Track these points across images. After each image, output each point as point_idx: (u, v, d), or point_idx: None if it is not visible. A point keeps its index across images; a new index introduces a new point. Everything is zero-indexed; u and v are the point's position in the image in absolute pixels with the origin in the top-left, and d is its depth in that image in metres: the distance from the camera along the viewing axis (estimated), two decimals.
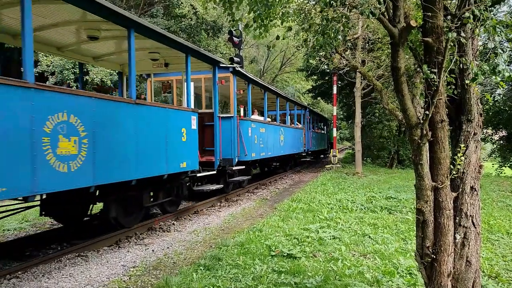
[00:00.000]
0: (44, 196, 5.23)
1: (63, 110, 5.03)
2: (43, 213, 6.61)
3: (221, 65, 10.01)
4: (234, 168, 10.85)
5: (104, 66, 10.04)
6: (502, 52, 2.66)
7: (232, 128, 10.71)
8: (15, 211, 6.21)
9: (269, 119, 15.50)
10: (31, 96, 4.60)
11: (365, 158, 22.00)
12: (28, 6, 4.55)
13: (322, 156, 32.64)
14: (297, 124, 20.68)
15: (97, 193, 6.29)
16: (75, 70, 18.83)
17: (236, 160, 10.81)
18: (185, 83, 8.84)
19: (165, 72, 10.37)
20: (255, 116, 13.85)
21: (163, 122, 7.35)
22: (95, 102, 5.63)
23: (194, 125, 8.44)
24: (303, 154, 22.05)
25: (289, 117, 19.07)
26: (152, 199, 7.85)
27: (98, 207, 7.76)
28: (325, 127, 32.80)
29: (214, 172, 9.67)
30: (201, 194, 10.44)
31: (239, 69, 11.19)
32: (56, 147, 4.91)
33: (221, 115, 10.53)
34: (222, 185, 10.22)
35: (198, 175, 8.97)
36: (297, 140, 19.26)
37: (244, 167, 11.54)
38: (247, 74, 11.95)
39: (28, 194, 4.57)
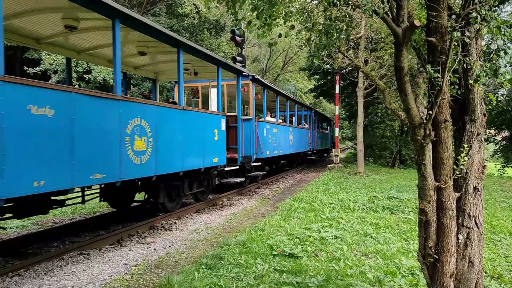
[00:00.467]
0: (118, 184, 6.15)
1: (137, 116, 6.45)
2: (102, 199, 7.83)
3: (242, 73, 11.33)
4: (252, 164, 12.00)
5: (141, 74, 11.43)
6: (504, 55, 2.65)
7: (251, 129, 11.84)
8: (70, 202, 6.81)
9: (280, 120, 16.52)
10: (119, 106, 6.02)
11: (367, 158, 21.98)
12: (117, 34, 5.82)
13: (325, 155, 33.65)
14: (304, 125, 21.65)
15: (139, 184, 7.19)
16: (77, 69, 18.86)
17: (254, 157, 11.93)
18: (210, 91, 10.83)
19: (191, 79, 11.65)
20: (269, 118, 14.80)
21: (201, 124, 8.86)
22: (157, 109, 7.17)
23: (223, 126, 9.90)
24: (309, 152, 23.16)
25: (296, 117, 20.11)
26: (188, 189, 9.01)
27: (139, 196, 8.97)
28: (328, 127, 33.69)
29: (237, 167, 11.00)
30: (225, 186, 11.69)
31: (258, 77, 12.51)
32: (133, 144, 6.33)
33: (243, 117, 11.63)
34: (244, 179, 11.51)
35: (225, 169, 10.33)
36: (304, 140, 20.44)
37: (260, 163, 12.71)
38: (263, 81, 13.34)
39: (117, 179, 5.97)
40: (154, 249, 6.00)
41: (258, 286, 4.37)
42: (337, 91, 20.46)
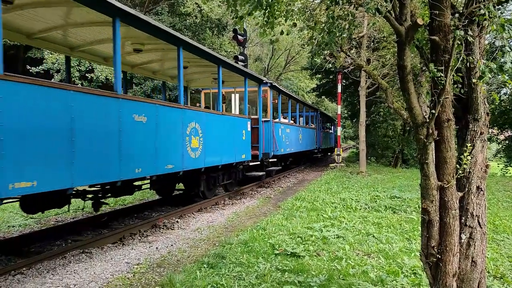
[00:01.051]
0: (180, 173, 7.91)
1: (193, 120, 8.35)
2: (151, 188, 8.84)
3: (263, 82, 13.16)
4: (270, 160, 13.62)
5: (174, 82, 12.36)
6: (509, 50, 2.64)
7: (269, 129, 13.47)
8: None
9: (291, 121, 18.06)
10: (183, 113, 7.95)
11: (369, 157, 21.95)
12: (181, 58, 7.57)
13: (329, 153, 34.96)
14: (310, 125, 23.23)
15: (180, 173, 8.01)
16: (80, 68, 18.89)
17: (272, 154, 13.57)
18: (234, 96, 13.17)
19: (215, 86, 13.11)
20: (282, 119, 16.26)
21: (234, 126, 10.78)
22: (205, 114, 9.10)
23: (249, 127, 11.72)
24: (315, 151, 24.65)
25: (304, 118, 21.77)
26: (222, 180, 10.72)
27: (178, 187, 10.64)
28: (332, 127, 34.90)
29: (259, 162, 12.67)
30: (244, 181, 12.99)
31: (275, 84, 14.42)
32: (191, 142, 8.19)
33: (263, 119, 13.10)
34: (264, 172, 13.07)
35: (250, 164, 12.02)
36: (311, 139, 22.32)
37: (276, 160, 14.40)
38: (279, 87, 15.14)
39: (180, 170, 7.83)
40: (156, 248, 6.01)
41: (260, 285, 4.36)
42: (339, 90, 20.43)
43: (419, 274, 4.64)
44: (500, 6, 2.65)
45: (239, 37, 15.64)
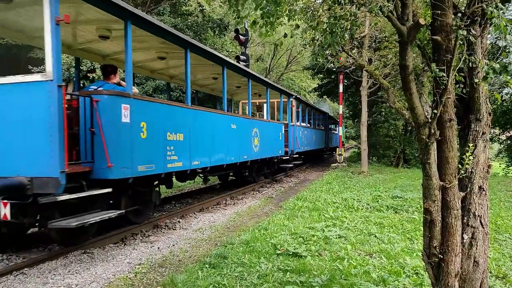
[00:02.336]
0: (249, 163, 11.85)
1: (255, 126, 12.14)
2: (208, 177, 10.50)
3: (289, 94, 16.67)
4: (295, 156, 16.95)
5: (214, 93, 15.31)
6: None
7: (294, 131, 16.78)
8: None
9: (308, 124, 21.69)
10: (251, 122, 11.97)
11: (371, 157, 21.92)
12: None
13: (334, 152, 36.58)
14: (321, 127, 26.74)
15: (248, 162, 11.70)
16: (81, 68, 18.90)
17: (295, 150, 16.85)
18: (266, 105, 15.42)
19: (256, 98, 16.82)
20: (300, 123, 19.59)
21: (275, 129, 14.47)
22: (260, 121, 13.23)
23: (283, 130, 15.34)
24: (324, 149, 28.79)
25: (315, 121, 25.06)
26: (265, 170, 14.37)
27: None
28: (337, 128, 35.56)
29: (288, 157, 15.82)
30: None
31: (298, 96, 18.60)
32: (253, 141, 11.85)
33: (291, 124, 16.43)
34: (292, 164, 16.78)
35: (283, 158, 15.39)
36: (321, 139, 26.12)
37: (297, 155, 17.63)
38: (300, 98, 19.23)
39: (249, 160, 11.47)
40: (158, 248, 6.01)
41: (261, 285, 4.36)
42: (341, 90, 20.41)
43: (421, 274, 4.63)
44: (502, 6, 2.64)
45: (241, 37, 15.65)
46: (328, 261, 5.19)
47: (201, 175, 9.62)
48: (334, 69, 22.11)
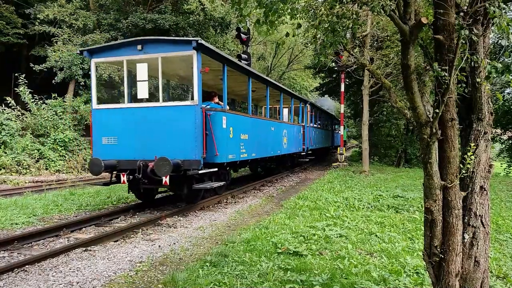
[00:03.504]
0: (280, 156, 14.89)
1: (284, 128, 15.40)
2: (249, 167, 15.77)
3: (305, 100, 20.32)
4: (309, 152, 20.07)
5: (262, 105, 19.50)
6: None
7: (309, 132, 19.92)
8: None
9: (319, 125, 24.57)
10: (282, 124, 15.33)
11: (372, 157, 21.91)
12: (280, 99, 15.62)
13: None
14: (328, 128, 29.78)
15: (280, 156, 15.02)
16: (83, 66, 18.92)
17: (309, 147, 19.96)
18: (283, 110, 18.15)
19: (275, 105, 20.13)
20: (313, 124, 22.87)
21: (296, 130, 17.54)
22: (288, 124, 16.27)
23: (302, 131, 18.68)
24: (330, 147, 31.64)
25: (324, 122, 28.16)
26: (288, 163, 18.00)
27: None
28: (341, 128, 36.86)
29: (304, 153, 19.28)
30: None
31: (312, 101, 22.50)
32: (283, 139, 15.15)
33: (307, 125, 19.64)
34: (308, 159, 20.39)
35: (301, 153, 18.90)
36: (328, 138, 29.31)
37: (310, 152, 20.84)
38: (314, 103, 22.62)
39: (281, 154, 14.88)
40: (159, 246, 6.02)
41: (262, 284, 4.37)
42: (342, 89, 20.40)
43: (421, 273, 4.63)
44: (505, 6, 2.63)
45: (243, 35, 15.63)
46: (328, 260, 5.20)
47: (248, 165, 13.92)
48: (336, 68, 22.10)
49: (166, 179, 7.73)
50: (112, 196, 10.60)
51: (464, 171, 2.99)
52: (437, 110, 2.80)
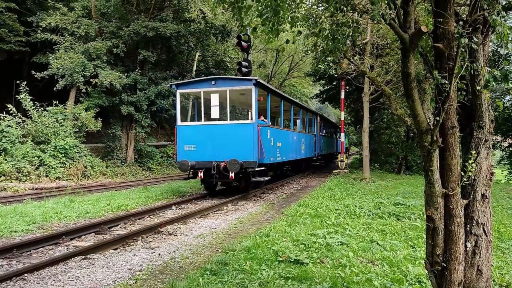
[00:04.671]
0: (299, 160, 18.73)
1: (303, 137, 18.78)
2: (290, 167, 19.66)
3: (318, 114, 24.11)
4: (319, 157, 23.50)
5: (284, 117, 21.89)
6: None
7: (319, 140, 23.02)
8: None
9: (322, 134, 26.74)
10: (301, 135, 18.81)
11: (372, 164, 21.88)
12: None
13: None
14: (333, 136, 32.68)
15: (299, 160, 18.37)
16: (84, 73, 18.98)
17: (318, 153, 22.98)
18: (297, 121, 21.25)
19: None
20: (321, 133, 25.74)
21: (310, 138, 20.72)
22: (305, 134, 19.95)
23: (314, 139, 21.32)
24: (335, 154, 33.92)
25: (329, 130, 31.21)
26: (303, 166, 21.91)
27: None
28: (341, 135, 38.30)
29: (316, 158, 22.56)
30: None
31: (322, 114, 26.72)
32: (301, 146, 18.40)
33: (318, 134, 22.87)
34: (319, 163, 25.35)
35: (313, 158, 22.14)
36: (333, 145, 32.34)
37: (320, 157, 24.24)
38: (322, 115, 26.42)
39: (301, 158, 18.42)
40: (159, 254, 5.99)
41: None
42: (343, 96, 20.44)
43: (424, 282, 4.60)
44: (504, 14, 2.64)
45: (243, 43, 15.65)
46: (330, 268, 5.16)
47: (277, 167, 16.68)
48: (336, 76, 22.15)
49: (232, 174, 10.81)
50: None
51: (465, 179, 2.98)
52: (438, 118, 2.80)
